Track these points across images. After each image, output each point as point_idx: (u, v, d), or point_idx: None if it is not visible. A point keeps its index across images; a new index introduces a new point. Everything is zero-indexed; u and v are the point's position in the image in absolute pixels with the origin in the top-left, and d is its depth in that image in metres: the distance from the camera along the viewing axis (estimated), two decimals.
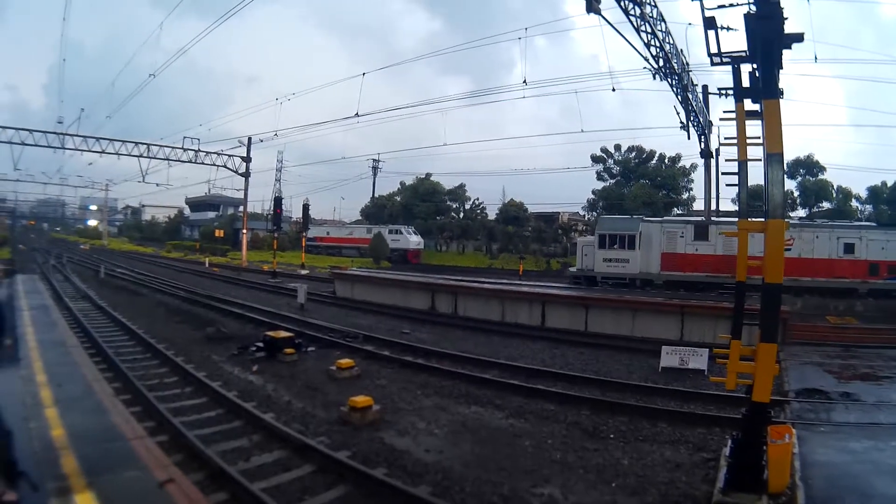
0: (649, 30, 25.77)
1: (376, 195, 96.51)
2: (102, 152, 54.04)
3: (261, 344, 18.68)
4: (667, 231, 36.26)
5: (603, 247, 36.85)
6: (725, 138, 9.88)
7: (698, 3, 10.16)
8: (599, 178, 72.97)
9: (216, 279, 48.17)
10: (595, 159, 72.41)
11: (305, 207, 57.63)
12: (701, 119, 35.02)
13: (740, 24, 9.05)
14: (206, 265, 62.05)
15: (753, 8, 8.78)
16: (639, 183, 68.03)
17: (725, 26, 9.82)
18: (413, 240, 76.53)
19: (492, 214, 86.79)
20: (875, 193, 59.39)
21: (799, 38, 8.86)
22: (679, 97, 32.06)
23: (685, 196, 68.13)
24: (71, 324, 20.49)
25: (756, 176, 9.25)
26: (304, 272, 52.95)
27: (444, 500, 8.53)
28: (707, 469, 9.99)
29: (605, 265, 36.71)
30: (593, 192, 72.56)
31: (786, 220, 8.68)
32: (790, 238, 31.55)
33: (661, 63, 28.07)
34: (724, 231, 19.66)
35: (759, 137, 8.88)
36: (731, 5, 9.46)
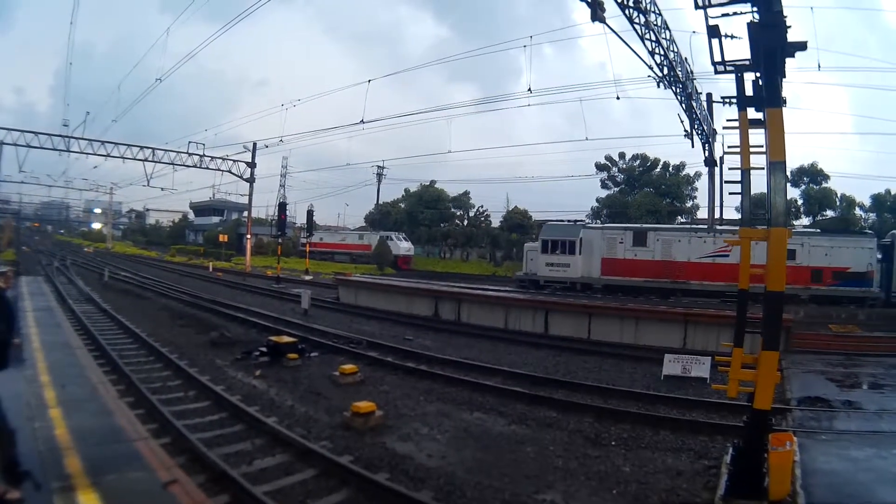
0: (654, 38, 25.86)
1: (381, 202, 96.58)
2: (108, 156, 54.13)
3: (264, 349, 18.73)
4: (607, 237, 37.77)
5: (546, 252, 38.22)
6: (729, 147, 9.91)
7: (702, 11, 10.15)
8: (604, 186, 72.94)
9: (220, 284, 48.21)
10: (599, 167, 72.42)
11: (310, 213, 57.60)
12: (705, 127, 35.10)
13: (744, 33, 9.08)
14: (210, 270, 62.08)
15: (756, 17, 8.82)
16: (643, 191, 67.98)
17: (729, 35, 9.83)
18: (403, 246, 76.81)
19: (496, 222, 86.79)
20: (879, 202, 59.18)
21: (802, 46, 8.88)
22: (683, 105, 32.15)
23: (689, 204, 68.07)
24: (75, 326, 20.56)
25: (759, 184, 9.29)
26: (307, 278, 53.01)
27: None
28: (708, 476, 10.00)
29: (548, 269, 38.10)
30: (597, 201, 72.42)
31: (789, 227, 8.70)
32: (728, 245, 31.52)
33: (666, 71, 28.15)
34: (728, 239, 19.70)
35: (762, 146, 8.90)
36: (735, 14, 9.48)
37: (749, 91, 9.21)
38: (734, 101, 9.51)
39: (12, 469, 6.72)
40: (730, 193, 10.18)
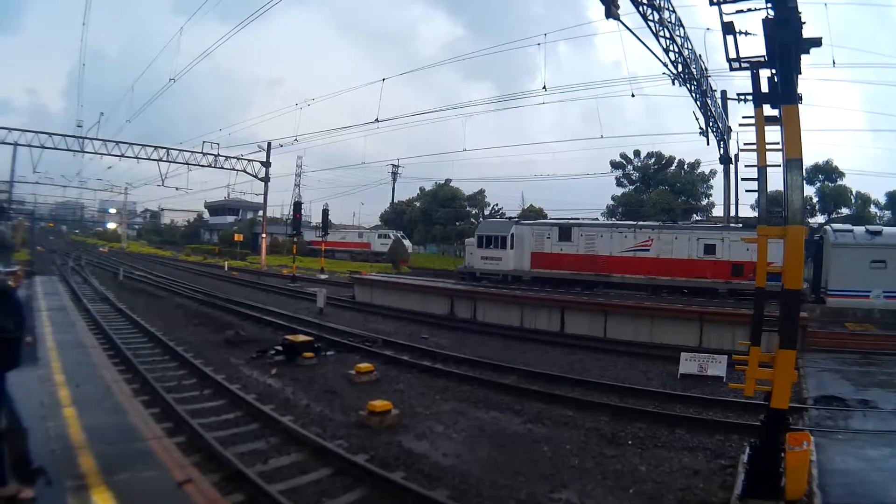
0: (668, 35, 25.81)
1: (396, 201, 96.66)
2: (122, 156, 54.49)
3: (280, 347, 18.76)
4: (536, 233, 39.42)
5: (481, 246, 40.65)
6: (745, 144, 9.85)
7: (717, 8, 10.09)
8: (619, 184, 72.64)
9: (235, 283, 48.42)
10: (614, 165, 72.15)
11: (325, 213, 57.80)
12: (720, 125, 35.03)
13: (759, 30, 9.02)
14: (225, 269, 62.30)
15: (771, 13, 8.75)
16: (658, 189, 67.69)
17: (744, 31, 9.77)
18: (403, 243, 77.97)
19: None
20: (894, 199, 58.85)
21: (817, 42, 8.82)
22: (698, 103, 32.09)
23: (704, 202, 67.80)
24: (89, 325, 20.62)
25: (775, 182, 9.23)
26: (323, 277, 53.08)
27: (462, 503, 8.54)
28: (725, 476, 9.95)
29: (483, 263, 40.45)
30: (612, 199, 72.17)
31: (806, 226, 8.63)
32: (648, 239, 35.18)
33: (680, 68, 28.10)
34: (745, 237, 19.69)
35: (778, 143, 8.84)
36: (750, 10, 9.42)
37: (764, 88, 9.14)
38: (749, 98, 9.44)
39: (25, 467, 6.74)
40: (746, 191, 10.20)
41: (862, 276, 26.94)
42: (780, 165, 8.79)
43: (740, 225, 36.57)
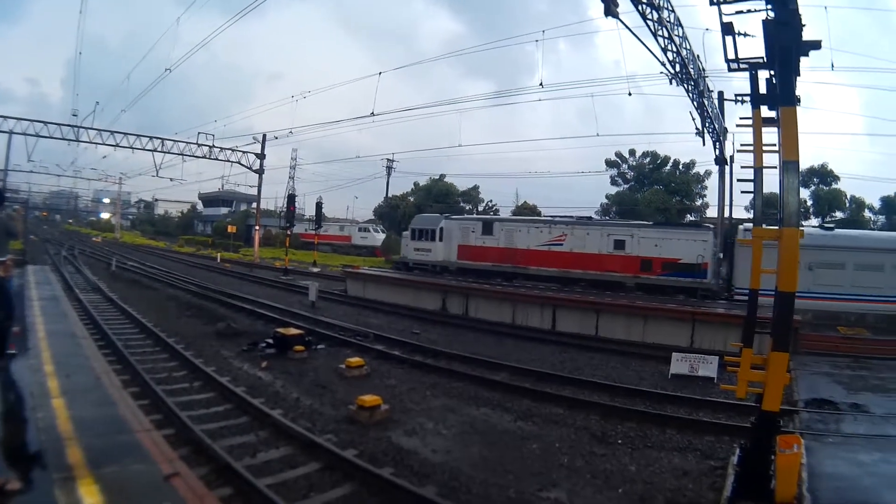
0: (666, 34, 25.73)
1: (390, 195, 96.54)
2: (117, 146, 54.16)
3: (271, 340, 18.75)
4: (462, 227, 42.31)
5: (414, 239, 44.35)
6: (742, 145, 9.82)
7: (716, 8, 10.08)
8: (613, 182, 72.57)
9: (228, 275, 48.28)
10: (609, 164, 72.06)
11: (318, 206, 57.66)
12: (716, 125, 35.02)
13: (758, 31, 9.00)
14: (218, 260, 62.14)
15: (772, 14, 8.73)
16: (652, 188, 67.62)
17: (743, 32, 9.75)
18: (380, 237, 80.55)
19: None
20: (888, 204, 58.96)
21: (816, 45, 8.80)
22: (695, 103, 32.05)
23: (699, 202, 67.80)
24: (81, 315, 20.53)
25: (770, 183, 9.22)
26: (315, 270, 53.04)
27: (451, 500, 8.50)
28: (714, 477, 9.95)
29: (416, 254, 44.03)
30: (607, 197, 72.14)
31: (801, 228, 8.62)
32: (562, 234, 37.54)
33: (678, 68, 28.05)
34: (741, 239, 19.85)
35: (774, 145, 8.82)
36: (749, 11, 9.40)
37: (763, 89, 9.14)
38: (747, 99, 9.46)
39: (22, 454, 6.69)
40: (742, 192, 10.13)
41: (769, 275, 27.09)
42: (775, 167, 8.76)
43: (650, 223, 39.23)
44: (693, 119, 33.41)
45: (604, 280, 35.05)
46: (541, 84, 32.76)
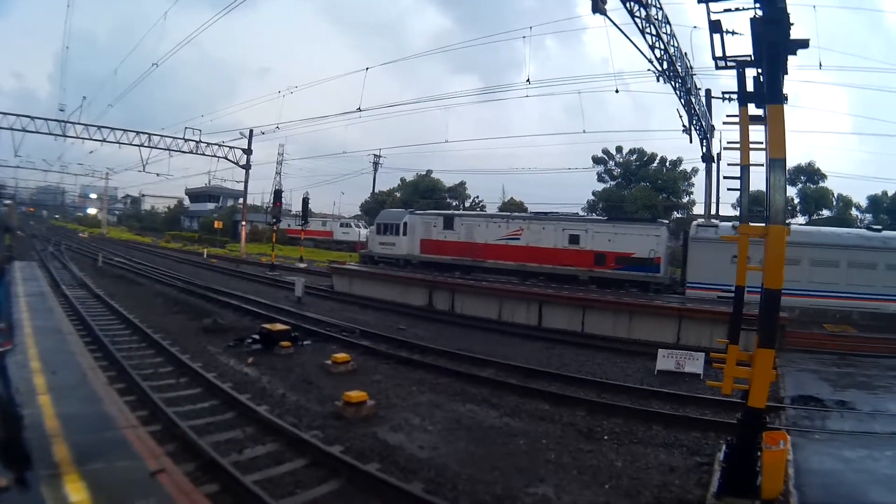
0: (654, 32, 25.80)
1: (377, 191, 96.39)
2: (104, 141, 53.76)
3: (257, 336, 18.70)
4: (425, 222, 43.61)
5: (379, 233, 45.67)
6: (728, 142, 9.84)
7: (704, 6, 10.08)
8: (600, 179, 72.51)
9: (214, 270, 48.11)
10: (596, 160, 72.04)
11: (305, 201, 57.45)
12: (703, 123, 35.12)
13: (746, 29, 9.02)
14: (205, 256, 61.91)
15: (760, 12, 8.75)
16: (639, 185, 67.62)
17: (731, 30, 9.77)
18: (362, 233, 79.20)
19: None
20: (875, 202, 59.16)
21: (804, 44, 8.82)
22: (682, 100, 32.14)
23: (686, 200, 67.87)
24: (67, 311, 20.48)
25: (756, 181, 9.25)
26: (302, 265, 52.93)
27: (437, 496, 8.50)
28: (701, 473, 9.99)
29: (381, 248, 45.27)
30: (593, 194, 72.14)
31: (787, 225, 8.64)
32: (519, 229, 38.64)
33: (666, 66, 28.11)
34: (725, 237, 19.95)
35: (761, 142, 8.84)
36: (738, 9, 9.42)
37: (750, 87, 9.15)
38: (734, 96, 9.46)
39: (17, 451, 6.66)
40: (728, 189, 10.16)
41: (719, 270, 27.30)
42: (762, 165, 8.78)
43: (605, 218, 41.35)
44: (680, 116, 33.52)
45: (559, 274, 35.88)
46: (528, 80, 32.73)
